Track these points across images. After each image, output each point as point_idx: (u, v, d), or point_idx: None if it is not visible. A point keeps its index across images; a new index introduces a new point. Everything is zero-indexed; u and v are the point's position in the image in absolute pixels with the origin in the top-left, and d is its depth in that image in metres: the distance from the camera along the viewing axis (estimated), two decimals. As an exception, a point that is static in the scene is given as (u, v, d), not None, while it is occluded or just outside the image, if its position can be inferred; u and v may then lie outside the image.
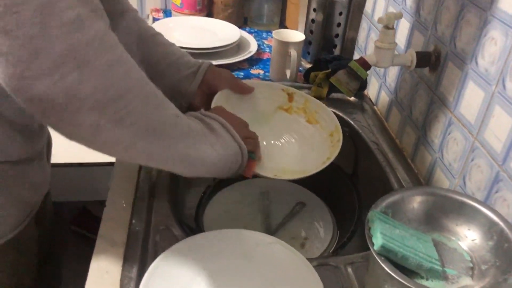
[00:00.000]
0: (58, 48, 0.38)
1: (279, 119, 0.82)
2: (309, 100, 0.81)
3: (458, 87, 0.72)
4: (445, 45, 0.76)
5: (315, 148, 0.78)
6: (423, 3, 0.84)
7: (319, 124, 0.80)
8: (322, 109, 0.80)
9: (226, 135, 0.60)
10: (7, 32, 0.36)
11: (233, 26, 1.29)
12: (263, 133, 0.75)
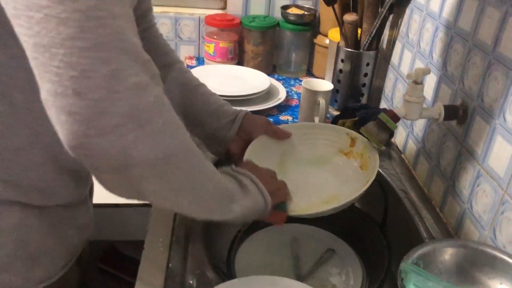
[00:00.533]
0: (121, 110, 0.42)
1: (337, 162, 0.85)
2: (367, 146, 0.82)
3: (486, 141, 0.74)
4: (473, 100, 0.79)
5: (349, 183, 0.81)
6: (449, 58, 0.87)
7: (367, 171, 0.81)
8: (374, 157, 0.80)
9: (255, 191, 0.64)
10: (79, 94, 0.40)
11: (262, 74, 1.34)
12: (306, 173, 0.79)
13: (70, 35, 0.39)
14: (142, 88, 0.43)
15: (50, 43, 0.39)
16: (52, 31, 0.39)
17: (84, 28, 0.39)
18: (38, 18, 0.39)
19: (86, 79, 0.40)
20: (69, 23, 0.39)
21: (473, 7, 0.80)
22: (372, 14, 1.11)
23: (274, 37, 1.44)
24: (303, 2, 1.45)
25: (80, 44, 0.39)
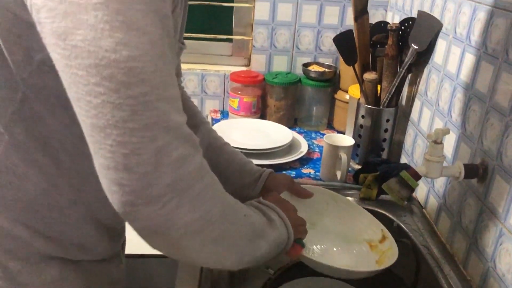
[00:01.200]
0: (165, 181, 0.46)
1: (357, 247, 0.88)
2: (393, 248, 0.82)
3: (507, 200, 0.76)
4: (492, 159, 0.81)
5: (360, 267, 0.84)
6: (468, 118, 0.90)
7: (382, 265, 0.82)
8: (392, 259, 0.81)
9: (281, 226, 0.67)
10: (129, 169, 0.45)
11: (285, 128, 1.39)
12: None
13: (123, 118, 0.44)
14: (183, 160, 0.48)
15: (105, 124, 0.44)
16: (107, 114, 0.44)
17: (135, 112, 0.44)
18: (96, 103, 0.44)
19: (136, 156, 0.45)
20: (123, 108, 0.44)
21: (489, 71, 0.84)
22: (391, 74, 1.15)
23: (296, 92, 1.50)
24: (323, 60, 1.52)
25: (131, 125, 0.44)
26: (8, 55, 0.51)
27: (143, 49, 0.43)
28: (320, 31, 1.48)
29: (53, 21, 0.43)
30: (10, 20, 0.49)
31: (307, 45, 1.50)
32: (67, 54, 0.43)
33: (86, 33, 0.42)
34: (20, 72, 0.52)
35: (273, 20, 1.47)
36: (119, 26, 0.42)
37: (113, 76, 0.43)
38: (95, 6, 0.42)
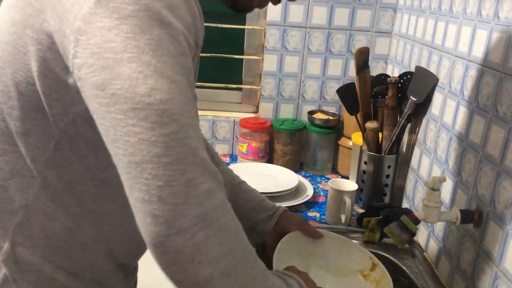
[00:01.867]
0: (194, 212, 0.50)
1: (353, 280, 0.90)
2: (386, 275, 0.86)
3: (501, 244, 0.81)
4: (486, 205, 0.87)
5: None
6: (463, 166, 0.97)
7: None
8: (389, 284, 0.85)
9: None
10: (162, 200, 0.49)
11: (291, 172, 1.45)
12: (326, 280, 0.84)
13: (157, 154, 0.49)
14: (210, 193, 0.52)
15: (141, 160, 0.49)
16: (143, 150, 0.49)
17: (168, 148, 0.49)
18: (133, 142, 0.49)
19: (169, 187, 0.49)
20: (157, 144, 0.49)
21: (481, 123, 0.91)
22: (392, 123, 1.23)
23: (302, 138, 1.57)
24: (328, 108, 1.60)
25: (165, 160, 0.49)
26: (47, 109, 0.57)
27: (173, 94, 0.50)
28: (324, 81, 1.58)
29: (93, 75, 0.49)
30: (52, 79, 0.55)
31: (312, 94, 1.59)
32: (106, 102, 0.49)
33: (123, 82, 0.48)
34: (56, 123, 0.58)
35: (280, 71, 1.57)
36: (151, 74, 0.49)
37: (148, 117, 0.48)
38: (129, 59, 0.48)
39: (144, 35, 0.49)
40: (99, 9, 0.48)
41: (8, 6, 0.57)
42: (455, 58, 1.05)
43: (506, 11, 0.86)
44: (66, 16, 0.50)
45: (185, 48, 0.52)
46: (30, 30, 0.53)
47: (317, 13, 1.50)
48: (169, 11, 0.50)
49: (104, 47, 0.48)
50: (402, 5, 1.46)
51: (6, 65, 0.56)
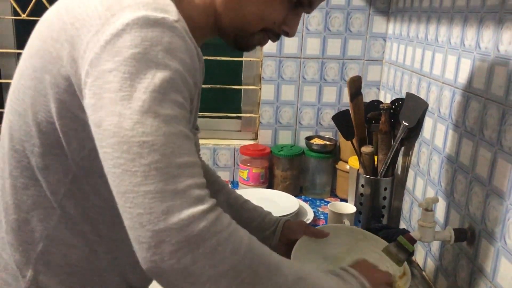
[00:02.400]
0: (176, 238, 0.52)
1: None
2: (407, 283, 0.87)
3: (493, 261, 0.86)
4: (478, 224, 0.92)
5: None
6: (455, 187, 1.02)
7: None
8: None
9: (355, 283, 0.68)
10: (143, 227, 0.51)
11: (291, 196, 1.50)
12: None
13: (137, 183, 0.52)
14: (192, 219, 0.52)
15: (125, 190, 0.52)
16: (126, 181, 0.52)
17: (147, 177, 0.52)
18: (118, 173, 0.53)
19: (148, 214, 0.52)
20: (137, 174, 0.52)
21: (469, 146, 0.97)
22: (386, 147, 1.29)
23: (300, 163, 1.62)
24: (324, 133, 1.66)
25: (144, 188, 0.52)
26: (65, 145, 0.62)
27: (155, 127, 0.53)
28: (320, 108, 1.64)
29: (93, 114, 0.54)
30: (70, 118, 0.60)
31: (309, 120, 1.66)
32: (100, 138, 0.54)
33: (113, 119, 0.53)
34: (73, 157, 0.63)
35: (277, 99, 1.64)
36: (138, 110, 0.53)
37: (130, 149, 0.52)
38: (122, 97, 0.53)
39: (139, 76, 0.53)
40: (104, 54, 0.54)
41: (30, 54, 0.63)
42: (443, 85, 1.12)
43: (486, 42, 0.92)
44: (80, 61, 0.56)
45: (178, 85, 0.56)
46: (48, 76, 0.59)
47: (311, 44, 1.58)
48: (167, 53, 0.55)
49: (104, 87, 0.53)
50: (391, 34, 1.54)
51: (28, 107, 0.62)
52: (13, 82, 0.66)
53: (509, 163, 0.83)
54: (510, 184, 0.82)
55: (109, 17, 0.55)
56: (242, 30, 0.72)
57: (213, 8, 0.70)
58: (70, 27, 0.58)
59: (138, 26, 0.54)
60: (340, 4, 1.55)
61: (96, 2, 0.58)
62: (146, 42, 0.54)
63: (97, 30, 0.55)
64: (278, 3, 0.69)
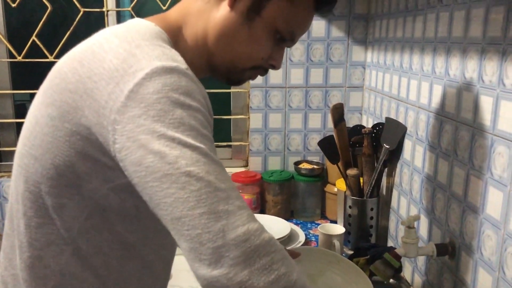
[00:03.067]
0: (234, 254, 0.55)
1: None
2: None
3: (472, 272, 0.92)
4: (457, 238, 0.98)
5: None
6: (435, 204, 1.09)
7: None
8: None
9: None
10: (204, 245, 0.55)
11: (283, 220, 1.56)
12: None
13: (191, 207, 0.57)
14: (248, 235, 0.56)
15: (180, 215, 0.57)
16: (179, 207, 0.57)
17: (199, 201, 0.57)
18: (170, 202, 0.58)
19: (207, 233, 0.56)
20: (189, 200, 0.57)
21: (446, 166, 1.04)
22: (370, 169, 1.36)
23: (290, 188, 1.69)
24: (312, 158, 1.73)
25: (198, 211, 0.57)
26: (83, 185, 0.67)
27: (195, 158, 0.58)
28: (306, 134, 1.72)
29: (130, 155, 0.59)
30: (90, 162, 0.65)
31: (296, 146, 1.73)
32: (143, 175, 0.59)
33: (154, 156, 0.58)
34: (90, 196, 0.68)
35: (265, 127, 1.71)
36: (176, 146, 0.58)
37: (178, 179, 0.57)
38: (158, 137, 0.58)
39: (168, 116, 0.59)
40: (129, 102, 0.59)
41: (45, 104, 0.68)
42: (419, 109, 1.20)
43: (454, 69, 1.01)
44: (101, 111, 0.61)
45: (203, 122, 0.63)
46: (68, 124, 0.64)
47: (295, 74, 1.66)
48: (186, 96, 0.61)
49: (137, 131, 0.59)
50: (370, 63, 1.63)
51: (45, 151, 0.67)
52: (26, 128, 0.71)
53: (480, 180, 0.90)
54: (482, 199, 0.89)
55: (126, 69, 0.61)
56: (234, 67, 0.79)
57: (206, 48, 0.77)
58: (88, 80, 0.63)
59: (157, 75, 0.60)
60: (320, 36, 1.64)
61: (110, 56, 0.63)
62: (167, 87, 0.60)
63: (118, 82, 0.60)
64: (265, 41, 0.77)
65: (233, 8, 0.74)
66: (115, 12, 1.69)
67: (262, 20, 0.75)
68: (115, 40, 0.65)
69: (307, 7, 0.78)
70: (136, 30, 0.68)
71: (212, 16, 0.76)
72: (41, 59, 1.66)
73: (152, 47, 0.64)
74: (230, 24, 0.75)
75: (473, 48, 0.93)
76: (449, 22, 1.03)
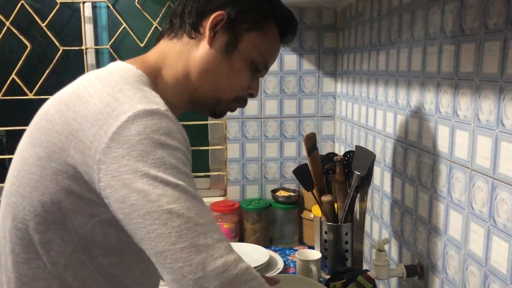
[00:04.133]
0: (214, 284, 0.59)
1: None
2: None
3: (440, 291, 0.98)
4: (425, 259, 1.04)
5: None
6: (404, 227, 1.15)
7: None
8: None
9: None
10: (185, 277, 0.60)
11: (262, 248, 1.59)
12: None
13: (173, 242, 0.61)
14: (226, 266, 0.61)
15: (162, 249, 0.61)
16: (162, 242, 0.61)
17: (181, 236, 0.61)
18: (153, 237, 0.62)
19: (188, 266, 0.61)
20: (171, 235, 0.61)
21: (411, 191, 1.11)
22: (343, 195, 1.42)
23: (268, 215, 1.73)
24: (288, 185, 1.79)
25: (180, 245, 0.61)
26: (68, 222, 0.70)
27: (177, 196, 0.63)
28: (282, 162, 1.78)
29: (115, 193, 0.63)
30: (76, 199, 0.69)
31: (273, 174, 1.78)
32: (128, 212, 0.63)
33: (137, 195, 0.62)
34: (76, 231, 0.71)
35: (243, 157, 1.76)
36: (158, 185, 0.63)
37: (161, 216, 0.62)
38: (141, 176, 0.62)
39: (150, 156, 0.64)
40: (113, 143, 0.64)
41: (32, 144, 0.71)
42: (385, 138, 1.28)
43: (415, 101, 1.09)
44: (87, 151, 0.65)
45: (183, 160, 0.67)
46: (55, 163, 0.68)
47: (270, 106, 1.74)
48: (167, 136, 0.66)
49: (121, 170, 0.63)
50: (340, 93, 1.71)
51: (33, 190, 0.70)
52: (14, 168, 0.75)
53: (442, 204, 0.97)
54: (444, 222, 0.96)
55: (110, 112, 0.66)
56: (218, 100, 0.86)
57: (188, 86, 0.83)
58: (73, 122, 0.67)
59: (139, 117, 0.65)
60: (293, 69, 1.73)
61: (94, 99, 0.68)
62: (148, 128, 0.65)
63: (102, 124, 0.65)
64: (243, 73, 0.84)
65: (212, 46, 0.81)
66: (94, 49, 1.74)
67: (240, 54, 0.82)
68: (99, 84, 0.71)
69: (275, 38, 0.86)
70: (119, 74, 0.74)
71: (192, 55, 0.82)
72: (20, 96, 1.69)
73: (134, 90, 0.69)
74: (211, 61, 0.82)
75: (430, 81, 1.01)
76: (408, 57, 1.12)
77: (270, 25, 0.85)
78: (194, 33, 0.81)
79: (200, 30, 0.81)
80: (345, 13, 1.62)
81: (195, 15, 0.81)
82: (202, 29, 0.81)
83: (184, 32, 0.82)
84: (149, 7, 1.74)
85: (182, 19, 0.83)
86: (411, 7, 1.10)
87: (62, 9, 1.71)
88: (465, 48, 0.87)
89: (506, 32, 0.76)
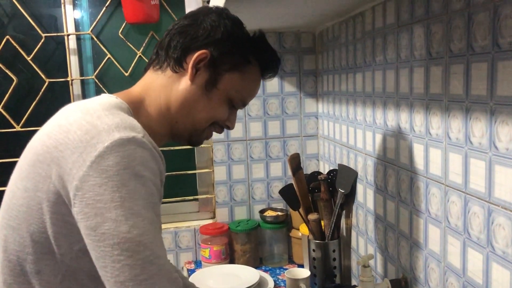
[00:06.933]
0: None
1: None
2: None
3: (424, 303, 1.01)
4: (408, 273, 1.08)
5: None
6: (387, 242, 1.19)
7: None
8: None
9: None
10: None
11: (252, 269, 1.61)
12: None
13: (136, 274, 0.66)
14: None
15: (124, 279, 0.65)
16: (125, 272, 0.65)
17: (143, 268, 0.66)
18: (118, 266, 0.66)
19: None
20: (135, 267, 0.66)
21: (392, 206, 1.15)
22: (329, 212, 1.45)
23: (257, 236, 1.76)
24: (276, 205, 1.82)
25: (141, 277, 0.66)
26: (56, 249, 0.73)
27: (145, 228, 0.67)
28: (269, 182, 1.81)
29: (87, 220, 0.67)
30: (61, 225, 0.72)
31: (260, 195, 1.82)
32: (97, 239, 0.66)
33: (110, 224, 0.66)
34: (63, 259, 0.74)
35: (230, 179, 1.79)
36: (130, 217, 0.67)
37: (129, 248, 0.66)
38: (114, 207, 0.66)
39: (124, 188, 0.67)
40: (91, 171, 0.67)
41: (20, 177, 0.75)
42: (366, 156, 1.32)
43: (391, 120, 1.14)
44: (66, 177, 0.69)
45: (152, 190, 0.72)
46: (40, 193, 0.71)
47: (254, 127, 1.78)
48: (142, 165, 0.70)
49: (96, 199, 0.66)
50: (321, 113, 1.76)
51: (22, 221, 0.73)
52: (5, 202, 0.78)
53: (421, 219, 1.01)
54: (424, 236, 1.00)
55: (89, 140, 0.69)
56: (195, 130, 0.90)
57: (169, 116, 0.87)
58: (54, 149, 0.71)
59: (116, 147, 0.68)
60: (275, 92, 1.78)
61: (74, 127, 0.71)
62: (125, 159, 0.68)
63: (81, 152, 0.68)
64: (221, 107, 0.89)
65: (193, 82, 0.85)
66: (79, 80, 1.77)
67: (218, 91, 0.87)
68: (79, 113, 0.75)
69: (256, 78, 0.91)
70: (98, 102, 0.78)
71: (175, 88, 0.86)
72: (8, 129, 1.71)
73: (111, 116, 0.73)
74: (191, 95, 0.86)
75: (404, 102, 1.06)
76: (383, 79, 1.17)
77: (251, 67, 0.89)
78: (177, 67, 0.85)
79: (183, 65, 0.85)
80: (322, 36, 1.69)
81: (180, 50, 0.85)
82: (185, 65, 0.85)
83: (168, 66, 0.86)
84: (132, 36, 1.78)
85: (167, 52, 0.86)
86: (382, 32, 1.15)
87: (47, 42, 1.74)
88: (433, 71, 0.93)
89: (468, 55, 0.81)
